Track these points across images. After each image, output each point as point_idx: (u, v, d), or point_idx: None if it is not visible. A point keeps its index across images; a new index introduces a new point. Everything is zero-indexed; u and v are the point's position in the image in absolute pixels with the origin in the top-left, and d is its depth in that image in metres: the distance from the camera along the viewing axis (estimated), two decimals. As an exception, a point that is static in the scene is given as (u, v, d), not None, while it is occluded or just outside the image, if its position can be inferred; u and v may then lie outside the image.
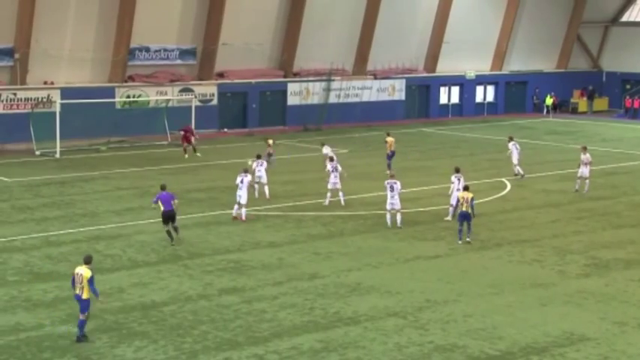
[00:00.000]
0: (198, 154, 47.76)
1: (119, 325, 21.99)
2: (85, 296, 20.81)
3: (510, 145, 43.50)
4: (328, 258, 28.47)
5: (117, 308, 23.22)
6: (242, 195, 33.06)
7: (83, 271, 20.83)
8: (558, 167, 46.09)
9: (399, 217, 32.30)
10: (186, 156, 47.17)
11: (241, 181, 33.10)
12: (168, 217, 29.33)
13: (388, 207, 32.41)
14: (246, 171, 34.04)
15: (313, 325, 22.22)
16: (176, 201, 29.74)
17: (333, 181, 35.83)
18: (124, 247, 29.30)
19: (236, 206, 33.28)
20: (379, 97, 64.71)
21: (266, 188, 36.94)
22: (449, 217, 33.60)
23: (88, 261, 21.09)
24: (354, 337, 21.41)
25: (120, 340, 21.03)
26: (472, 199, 30.13)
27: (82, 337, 20.87)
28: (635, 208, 36.59)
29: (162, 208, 29.24)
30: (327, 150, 42.78)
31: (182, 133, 48.35)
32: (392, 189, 32.19)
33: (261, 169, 37.14)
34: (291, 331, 21.75)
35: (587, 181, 39.17)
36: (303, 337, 21.32)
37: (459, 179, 33.52)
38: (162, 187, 30.13)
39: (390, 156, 43.90)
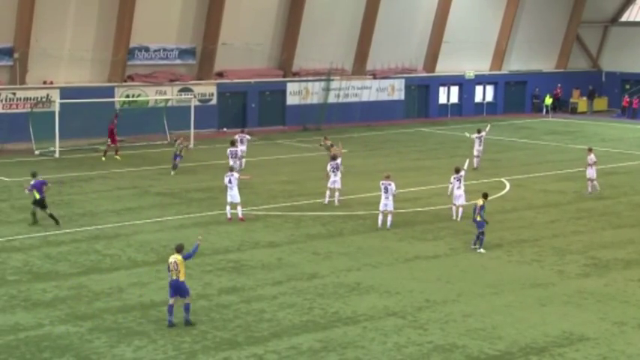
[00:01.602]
0: (103, 158, 46.22)
1: (118, 324, 21.98)
2: (182, 278, 21.80)
3: (474, 136, 45.03)
4: (327, 258, 28.46)
5: (116, 308, 23.22)
6: (234, 194, 33.03)
7: (176, 258, 21.96)
8: (557, 167, 46.09)
9: (389, 218, 32.24)
10: (103, 159, 46.01)
11: (229, 181, 33.08)
12: (38, 204, 31.60)
13: (381, 208, 32.34)
14: (232, 169, 34.10)
15: (312, 324, 22.22)
16: (49, 185, 32.34)
17: (333, 179, 35.89)
18: (123, 247, 29.30)
19: (228, 207, 33.26)
20: (379, 97, 64.66)
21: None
22: (455, 217, 33.65)
23: (179, 249, 22.22)
24: (353, 337, 21.40)
25: (119, 339, 21.02)
26: (481, 206, 29.45)
27: (188, 322, 21.80)
28: (634, 208, 36.59)
29: (37, 196, 31.54)
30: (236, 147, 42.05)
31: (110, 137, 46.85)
32: (386, 190, 32.12)
33: (235, 159, 38.24)
34: (291, 330, 21.75)
35: (593, 182, 39.04)
36: (302, 337, 21.31)
37: (458, 180, 33.50)
38: (34, 175, 32.24)
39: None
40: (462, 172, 33.90)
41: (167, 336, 21.25)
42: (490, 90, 71.59)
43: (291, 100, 60.85)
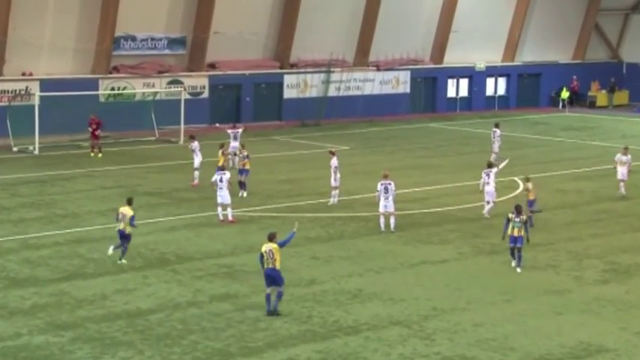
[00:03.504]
0: (100, 154, 46.50)
1: (102, 334, 21.98)
2: (278, 266, 23.24)
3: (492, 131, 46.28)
4: (327, 262, 28.48)
5: (100, 316, 23.22)
6: (224, 195, 33.04)
7: (271, 247, 23.32)
8: (575, 165, 46.11)
9: (392, 220, 32.23)
10: (100, 155, 46.27)
11: (220, 180, 33.04)
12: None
13: (381, 209, 32.32)
14: (223, 168, 34.09)
15: (311, 334, 22.23)
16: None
17: (338, 176, 36.05)
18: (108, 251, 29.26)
19: (219, 208, 33.27)
20: (382, 90, 64.66)
21: (196, 173, 39.36)
22: (486, 214, 34.20)
23: (272, 237, 23.61)
24: (354, 347, 21.41)
25: (103, 350, 21.02)
26: (506, 220, 28.57)
27: (275, 311, 23.24)
28: (657, 210, 36.60)
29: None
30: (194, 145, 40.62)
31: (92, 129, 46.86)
32: (386, 190, 32.14)
33: (200, 154, 39.55)
34: (288, 341, 21.76)
35: (622, 183, 38.98)
36: (300, 348, 21.32)
37: (487, 175, 33.89)
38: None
39: (245, 172, 38.50)
40: (494, 169, 34.55)
41: (154, 346, 21.25)
42: (502, 83, 71.57)
43: (289, 93, 60.85)
